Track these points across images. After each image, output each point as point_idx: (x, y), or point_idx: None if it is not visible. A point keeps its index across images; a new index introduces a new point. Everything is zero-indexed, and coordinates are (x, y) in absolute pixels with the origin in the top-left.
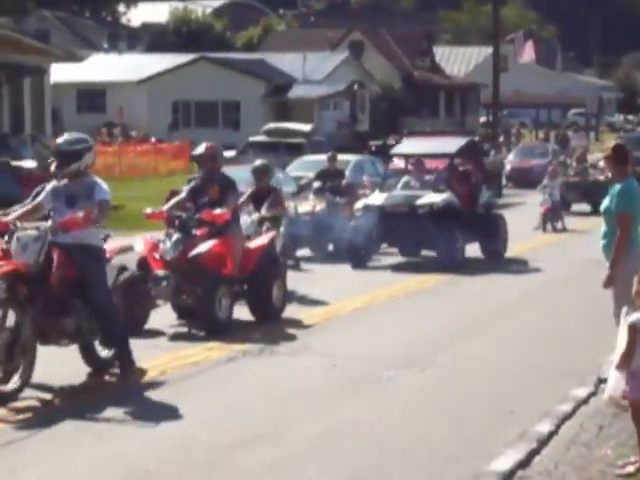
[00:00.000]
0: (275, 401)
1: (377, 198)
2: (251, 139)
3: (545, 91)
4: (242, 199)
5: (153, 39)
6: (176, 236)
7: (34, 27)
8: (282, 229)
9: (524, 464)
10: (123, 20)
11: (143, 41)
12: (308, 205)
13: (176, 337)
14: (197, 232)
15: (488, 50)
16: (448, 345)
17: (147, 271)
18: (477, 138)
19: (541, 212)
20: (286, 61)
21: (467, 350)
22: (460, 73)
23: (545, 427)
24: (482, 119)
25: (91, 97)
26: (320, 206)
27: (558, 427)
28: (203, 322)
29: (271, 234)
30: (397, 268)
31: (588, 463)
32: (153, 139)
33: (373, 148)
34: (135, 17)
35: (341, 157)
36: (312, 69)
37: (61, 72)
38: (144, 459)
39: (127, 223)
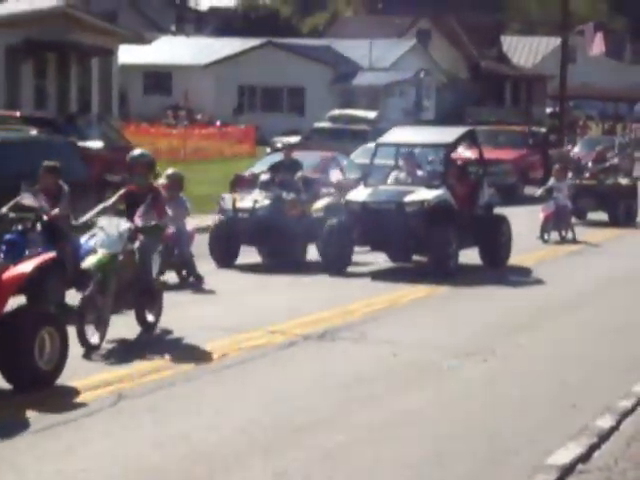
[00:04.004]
0: (336, 387)
1: (360, 193)
2: (316, 125)
3: (613, 84)
4: (111, 200)
5: (220, 23)
6: None
7: (102, 8)
8: (160, 247)
9: (584, 458)
10: (191, 3)
11: (210, 25)
12: (248, 200)
13: None
14: None
15: (557, 41)
16: (510, 336)
17: None
18: (544, 129)
19: (542, 218)
20: (353, 48)
21: (529, 342)
22: (528, 64)
23: (606, 422)
24: (548, 110)
25: (157, 79)
26: (263, 202)
27: (619, 422)
28: None
29: (42, 258)
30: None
31: None
32: (218, 122)
33: None
34: (203, 1)
35: None
36: (379, 56)
37: (128, 54)
38: (205, 441)
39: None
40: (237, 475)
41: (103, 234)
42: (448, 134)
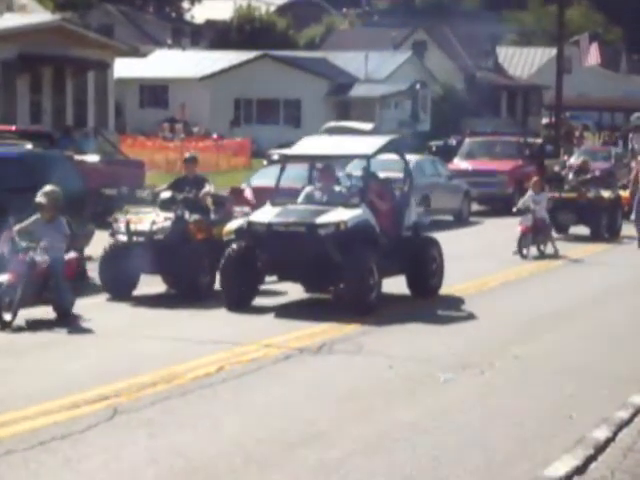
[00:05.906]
0: (331, 400)
1: (265, 213)
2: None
3: (609, 94)
4: None
5: (216, 36)
6: None
7: (98, 22)
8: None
9: (580, 470)
10: (187, 16)
11: (206, 38)
12: (145, 222)
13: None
14: None
15: (552, 52)
16: (507, 348)
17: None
18: (540, 140)
19: (519, 232)
20: (348, 60)
21: (525, 354)
22: (523, 74)
23: (602, 433)
24: (544, 121)
25: (154, 92)
26: (162, 224)
27: (615, 434)
28: None
29: None
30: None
31: None
32: (215, 135)
33: (434, 148)
34: (199, 14)
35: None
36: (374, 68)
37: (124, 67)
38: (200, 455)
39: None
40: None
41: None
42: (368, 144)
